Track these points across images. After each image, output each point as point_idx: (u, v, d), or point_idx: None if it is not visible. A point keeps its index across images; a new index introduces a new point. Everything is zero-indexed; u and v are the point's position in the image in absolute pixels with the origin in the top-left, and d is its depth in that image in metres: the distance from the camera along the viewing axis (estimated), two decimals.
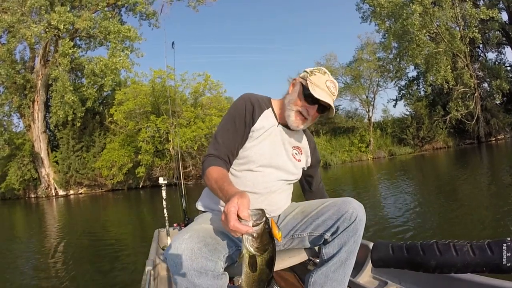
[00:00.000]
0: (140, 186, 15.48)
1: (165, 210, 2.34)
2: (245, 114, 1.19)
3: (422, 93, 18.00)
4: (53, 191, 18.16)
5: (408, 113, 18.09)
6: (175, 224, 2.37)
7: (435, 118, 16.77)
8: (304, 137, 1.35)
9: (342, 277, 1.12)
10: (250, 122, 1.19)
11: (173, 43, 3.16)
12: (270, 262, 0.78)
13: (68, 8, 14.58)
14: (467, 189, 5.64)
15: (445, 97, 16.88)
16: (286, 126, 1.24)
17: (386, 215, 4.56)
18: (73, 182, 17.61)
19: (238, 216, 0.78)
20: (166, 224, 2.31)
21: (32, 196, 19.02)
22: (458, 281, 1.17)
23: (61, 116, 15.57)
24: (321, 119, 18.12)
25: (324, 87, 1.14)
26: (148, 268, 1.59)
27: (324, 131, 18.14)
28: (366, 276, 1.55)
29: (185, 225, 2.26)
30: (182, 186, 2.42)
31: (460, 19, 16.21)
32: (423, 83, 17.52)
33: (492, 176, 6.67)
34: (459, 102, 16.19)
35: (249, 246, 0.75)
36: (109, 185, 16.71)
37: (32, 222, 9.76)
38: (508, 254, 0.78)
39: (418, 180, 7.98)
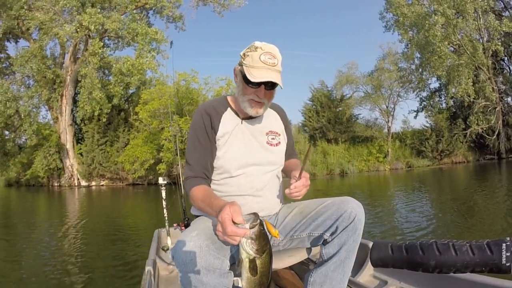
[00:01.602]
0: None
1: (164, 210, 2.35)
2: (204, 127, 1.17)
3: (444, 105, 17.86)
4: (76, 181, 19.01)
5: (428, 125, 17.99)
6: (175, 224, 2.37)
7: (455, 132, 16.61)
8: (275, 115, 1.32)
9: (341, 276, 1.11)
10: (212, 132, 1.17)
11: (171, 43, 3.11)
12: (269, 263, 0.79)
13: (99, 10, 15.13)
14: (484, 205, 5.65)
15: (466, 110, 16.68)
16: (251, 117, 1.21)
17: (399, 224, 4.71)
18: (95, 174, 18.35)
19: (234, 222, 0.80)
20: (166, 224, 2.32)
21: (56, 184, 19.94)
22: (457, 280, 1.17)
23: (88, 111, 16.20)
24: (340, 127, 18.32)
25: (260, 64, 1.07)
26: (148, 268, 1.58)
27: (343, 139, 18.26)
28: (366, 275, 1.54)
29: (185, 225, 2.25)
30: (181, 186, 2.35)
31: (483, 31, 15.98)
32: (445, 95, 17.39)
33: (511, 194, 6.67)
34: (480, 116, 16.00)
35: (249, 249, 0.76)
36: (130, 179, 17.37)
37: (53, 208, 10.50)
38: (507, 254, 0.77)
39: (434, 193, 8.07)
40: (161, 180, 2.39)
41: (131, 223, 6.60)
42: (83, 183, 18.75)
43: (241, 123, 1.21)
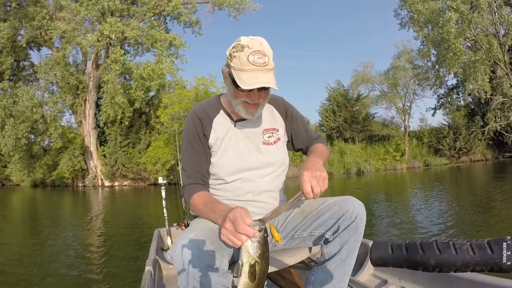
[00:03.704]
0: (181, 182, 16.66)
1: (164, 210, 2.35)
2: (197, 133, 1.14)
3: (462, 102, 17.66)
4: (99, 181, 19.84)
5: (445, 123, 17.86)
6: (175, 224, 2.36)
7: (473, 129, 16.49)
8: (271, 109, 1.23)
9: (342, 275, 1.11)
10: (205, 139, 1.15)
11: (170, 43, 3.28)
12: (266, 271, 0.79)
13: (118, 19, 15.64)
14: (503, 205, 5.56)
15: (484, 107, 16.50)
16: (244, 118, 1.15)
17: (416, 223, 4.74)
18: (118, 174, 19.07)
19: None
20: (166, 224, 2.32)
21: (80, 185, 20.78)
22: (457, 279, 1.17)
23: (110, 115, 16.81)
24: (356, 126, 18.48)
25: (250, 66, 0.98)
26: (148, 267, 1.58)
27: (360, 138, 18.38)
28: (367, 274, 1.55)
29: (185, 225, 2.23)
30: (181, 186, 2.59)
31: (498, 25, 15.73)
32: (462, 92, 17.25)
33: None
34: (498, 113, 15.80)
35: (253, 252, 0.76)
36: (152, 179, 18.04)
37: (78, 207, 11.08)
38: (508, 253, 0.75)
39: (452, 192, 8.10)
40: (160, 180, 2.41)
41: (146, 220, 6.73)
42: (107, 183, 19.55)
43: (234, 126, 1.17)
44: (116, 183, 19.52)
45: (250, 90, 1.02)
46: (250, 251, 0.76)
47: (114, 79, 16.03)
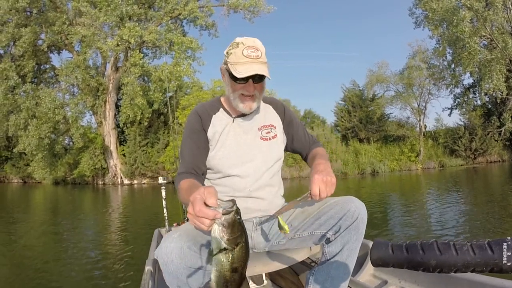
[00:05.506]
0: None
1: (164, 210, 2.35)
2: (197, 128, 1.19)
3: (479, 102, 17.42)
4: (119, 179, 20.49)
5: (461, 123, 17.70)
6: (175, 224, 2.34)
7: (489, 130, 16.35)
8: (268, 108, 1.27)
9: (343, 275, 1.11)
10: (204, 133, 1.19)
11: (170, 43, 3.24)
12: (243, 259, 0.70)
13: (137, 23, 16.05)
14: None
15: (500, 107, 16.33)
16: (243, 115, 1.20)
17: (430, 224, 4.77)
18: (137, 173, 19.66)
19: (206, 205, 0.72)
20: (166, 223, 2.32)
21: (100, 183, 21.46)
22: (458, 280, 1.17)
23: (130, 115, 17.35)
24: (371, 127, 18.56)
25: (244, 59, 1.07)
26: (147, 267, 1.59)
27: (375, 138, 18.43)
28: (367, 274, 1.55)
29: None
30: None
31: None
32: (479, 91, 17.08)
33: None
34: None
35: (219, 237, 0.67)
36: (170, 177, 18.42)
37: (96, 203, 11.49)
38: (508, 254, 0.72)
39: (468, 194, 8.11)
40: (161, 180, 2.42)
41: (159, 218, 6.88)
42: (126, 181, 20.20)
43: (233, 122, 1.21)
44: (135, 181, 20.15)
45: (247, 81, 1.10)
46: (215, 237, 0.68)
47: (133, 81, 16.54)
